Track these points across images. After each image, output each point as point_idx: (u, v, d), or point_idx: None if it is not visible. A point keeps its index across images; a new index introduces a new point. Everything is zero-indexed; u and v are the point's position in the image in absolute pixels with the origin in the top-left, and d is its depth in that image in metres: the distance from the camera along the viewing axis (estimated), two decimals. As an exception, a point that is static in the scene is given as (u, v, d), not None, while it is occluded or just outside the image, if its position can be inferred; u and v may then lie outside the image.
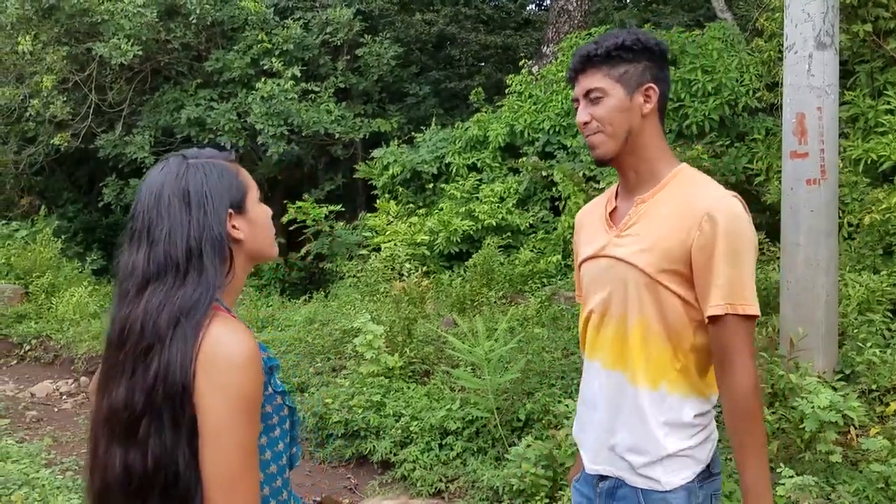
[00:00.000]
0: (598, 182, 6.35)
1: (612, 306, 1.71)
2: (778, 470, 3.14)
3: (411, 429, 4.33)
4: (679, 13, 11.85)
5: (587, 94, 1.68)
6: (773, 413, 3.55)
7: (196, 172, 1.39)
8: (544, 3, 15.92)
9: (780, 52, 6.70)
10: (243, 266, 1.44)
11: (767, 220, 6.69)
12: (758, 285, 4.94)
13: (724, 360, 1.57)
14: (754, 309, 1.56)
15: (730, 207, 1.58)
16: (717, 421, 1.72)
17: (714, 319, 1.57)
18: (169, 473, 1.25)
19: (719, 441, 1.73)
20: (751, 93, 7.05)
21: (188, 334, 1.26)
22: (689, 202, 1.61)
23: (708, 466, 1.68)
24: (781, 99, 5.01)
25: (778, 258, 5.09)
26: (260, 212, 1.45)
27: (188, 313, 1.28)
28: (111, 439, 1.31)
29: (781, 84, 6.58)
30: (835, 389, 3.62)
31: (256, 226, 1.44)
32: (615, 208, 1.77)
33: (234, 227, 1.40)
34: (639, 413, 1.67)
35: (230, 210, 1.39)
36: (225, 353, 1.26)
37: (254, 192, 1.45)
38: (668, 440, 1.64)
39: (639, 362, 1.66)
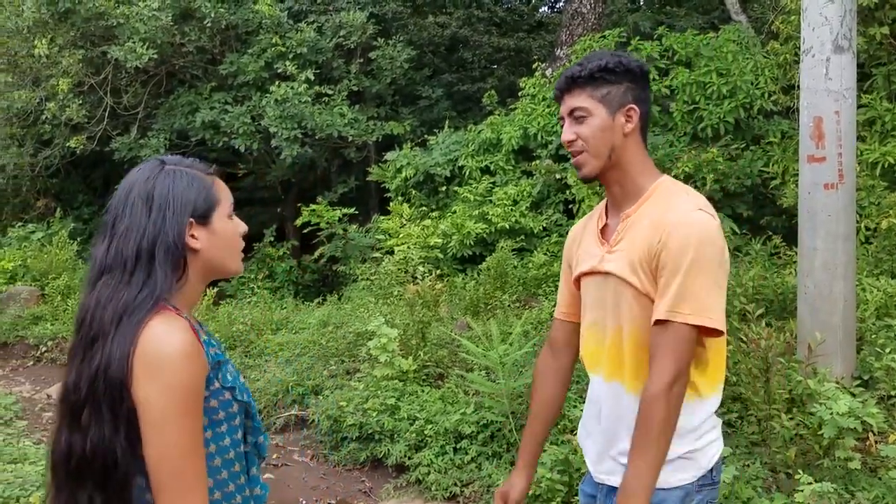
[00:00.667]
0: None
1: (608, 319, 1.79)
2: (796, 476, 3.11)
3: (426, 432, 4.33)
4: (693, 15, 11.81)
5: (572, 112, 1.76)
6: (791, 419, 3.53)
7: (165, 177, 1.43)
8: (557, 6, 15.91)
9: (796, 55, 6.67)
10: (200, 275, 1.46)
11: (784, 224, 6.66)
12: (775, 289, 4.97)
13: (651, 360, 1.63)
14: (695, 319, 1.59)
15: (692, 222, 1.63)
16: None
17: (659, 323, 1.62)
18: (107, 461, 1.31)
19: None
20: (766, 96, 7.02)
21: (128, 332, 1.31)
22: (661, 215, 1.68)
23: (710, 471, 1.73)
24: (798, 102, 4.98)
25: (795, 262, 5.06)
26: (226, 227, 1.47)
27: (131, 312, 1.33)
28: (62, 419, 1.37)
29: (798, 87, 6.55)
30: (853, 395, 3.60)
31: (217, 239, 1.45)
32: (606, 224, 1.85)
33: (192, 236, 1.42)
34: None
35: (191, 219, 1.42)
36: (160, 348, 1.30)
37: (224, 208, 1.47)
38: (672, 446, 1.66)
39: (634, 372, 1.72)
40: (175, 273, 1.40)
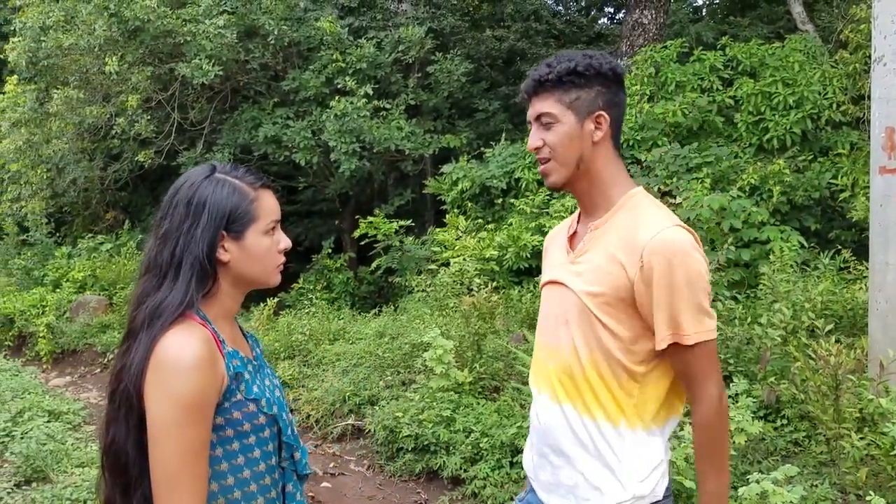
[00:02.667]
0: (675, 197, 6.22)
1: (562, 337, 1.70)
2: (868, 498, 2.98)
3: (481, 445, 4.30)
4: (758, 25, 11.56)
5: (538, 117, 1.67)
6: (861, 439, 3.39)
7: (208, 186, 1.43)
8: (617, 17, 15.79)
9: (867, 64, 6.47)
10: (232, 285, 1.47)
11: (853, 238, 6.44)
12: (844, 305, 4.80)
13: (688, 389, 1.61)
14: (699, 336, 1.55)
15: (670, 239, 1.55)
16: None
17: (668, 351, 1.58)
18: (118, 461, 1.36)
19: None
20: (834, 106, 6.82)
21: (148, 340, 1.34)
22: (633, 233, 1.60)
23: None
24: (868, 113, 4.81)
25: (865, 277, 4.88)
26: (260, 243, 1.45)
27: (156, 318, 1.36)
28: (107, 404, 1.43)
29: (868, 97, 6.35)
30: (929, 416, 3.44)
31: (248, 255, 1.44)
32: (575, 232, 1.77)
33: (223, 247, 1.42)
34: (596, 449, 1.64)
35: (223, 231, 1.42)
36: (169, 357, 1.32)
37: (263, 223, 1.45)
38: (625, 478, 1.61)
39: (593, 395, 1.64)
40: (203, 283, 1.41)
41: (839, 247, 6.05)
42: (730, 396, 3.75)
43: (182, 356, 1.31)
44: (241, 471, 1.40)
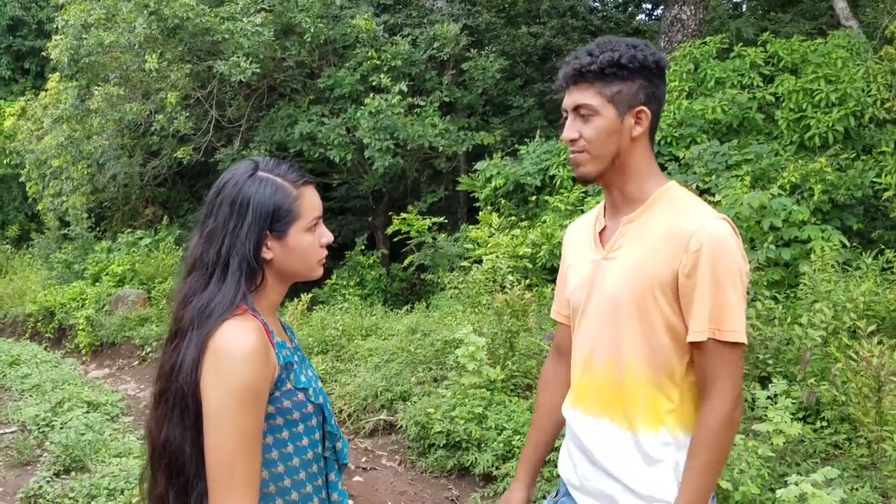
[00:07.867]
0: (714, 195, 6.12)
1: (597, 345, 1.65)
2: (912, 505, 2.90)
3: (513, 443, 4.28)
4: (799, 21, 11.33)
5: (577, 108, 1.61)
6: (906, 443, 3.30)
7: (251, 185, 1.44)
8: (655, 13, 15.61)
9: (914, 58, 6.30)
10: (276, 280, 1.49)
11: (897, 237, 6.28)
12: (887, 305, 4.67)
13: (706, 386, 1.54)
14: (739, 336, 1.50)
15: (716, 232, 1.52)
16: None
17: (697, 345, 1.52)
18: (175, 461, 1.37)
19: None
20: (878, 103, 6.66)
21: (199, 338, 1.36)
22: (675, 225, 1.55)
23: None
24: (915, 107, 4.68)
25: (910, 277, 4.75)
26: (302, 241, 1.46)
27: (206, 317, 1.37)
28: (152, 402, 1.44)
29: (915, 92, 6.18)
30: (978, 421, 3.33)
31: (290, 252, 1.46)
32: (604, 227, 1.71)
33: (266, 246, 1.44)
34: (636, 461, 1.59)
35: (266, 231, 1.43)
36: (225, 346, 1.34)
37: (305, 221, 1.46)
38: (663, 484, 1.57)
39: (632, 409, 1.59)
40: (251, 281, 1.43)
41: (882, 247, 5.91)
42: (768, 397, 3.67)
43: (238, 346, 1.34)
44: (290, 459, 1.42)
